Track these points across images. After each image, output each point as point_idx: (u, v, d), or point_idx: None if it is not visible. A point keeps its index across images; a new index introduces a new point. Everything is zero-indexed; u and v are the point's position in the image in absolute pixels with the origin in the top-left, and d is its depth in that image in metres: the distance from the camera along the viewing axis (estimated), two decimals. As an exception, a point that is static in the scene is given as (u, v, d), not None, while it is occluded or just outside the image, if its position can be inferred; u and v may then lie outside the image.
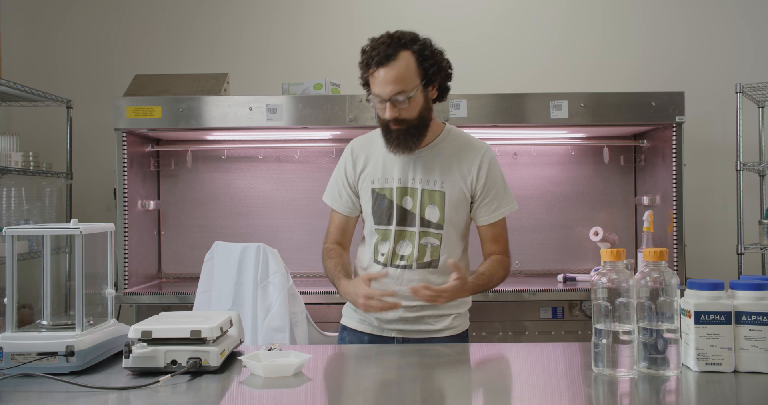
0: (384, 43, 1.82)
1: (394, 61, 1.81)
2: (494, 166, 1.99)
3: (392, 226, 1.95)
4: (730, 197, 3.34)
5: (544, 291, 2.98)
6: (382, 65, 1.81)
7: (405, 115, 1.85)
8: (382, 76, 1.81)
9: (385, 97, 1.83)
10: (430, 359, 1.72)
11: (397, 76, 1.81)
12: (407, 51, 1.83)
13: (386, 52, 1.80)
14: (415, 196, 1.94)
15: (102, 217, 3.54)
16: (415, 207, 1.94)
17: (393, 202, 1.95)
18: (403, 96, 1.82)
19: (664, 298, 1.46)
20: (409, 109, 1.85)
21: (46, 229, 1.64)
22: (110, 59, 3.74)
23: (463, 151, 1.97)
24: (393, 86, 1.81)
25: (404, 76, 1.82)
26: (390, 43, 1.82)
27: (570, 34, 3.72)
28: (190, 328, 1.52)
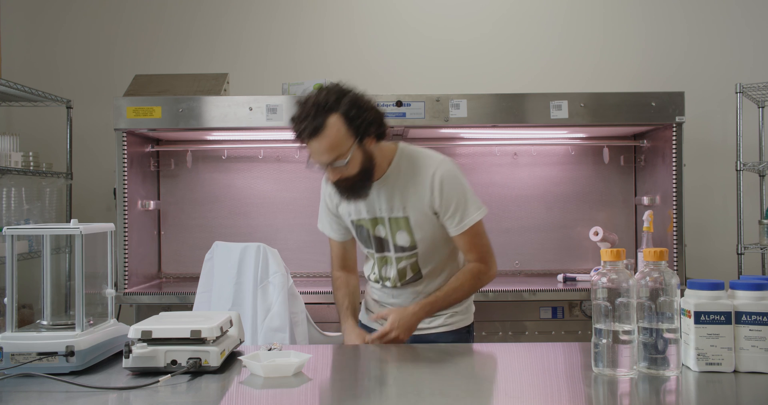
0: (310, 113, 1.80)
1: (324, 131, 1.79)
2: (448, 180, 1.93)
3: (374, 251, 2.06)
4: (730, 197, 3.34)
5: (544, 291, 2.98)
6: (313, 137, 1.80)
7: (347, 174, 1.86)
8: (316, 147, 1.82)
9: (323, 163, 1.85)
10: (430, 359, 1.72)
11: (330, 145, 1.80)
12: (335, 115, 1.80)
13: (314, 123, 1.79)
14: (385, 224, 2.00)
15: (102, 217, 3.54)
16: (387, 235, 2.01)
17: (370, 231, 2.03)
18: (340, 160, 1.83)
19: (664, 298, 1.46)
20: (349, 168, 1.85)
21: (46, 229, 1.64)
22: (110, 59, 3.74)
23: (416, 173, 1.95)
24: (328, 155, 1.82)
25: (337, 142, 1.81)
26: (317, 111, 1.80)
27: (570, 34, 3.72)
28: (190, 328, 1.52)
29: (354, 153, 1.84)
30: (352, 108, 1.82)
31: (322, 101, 1.81)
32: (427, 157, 1.98)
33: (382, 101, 3.02)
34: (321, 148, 1.81)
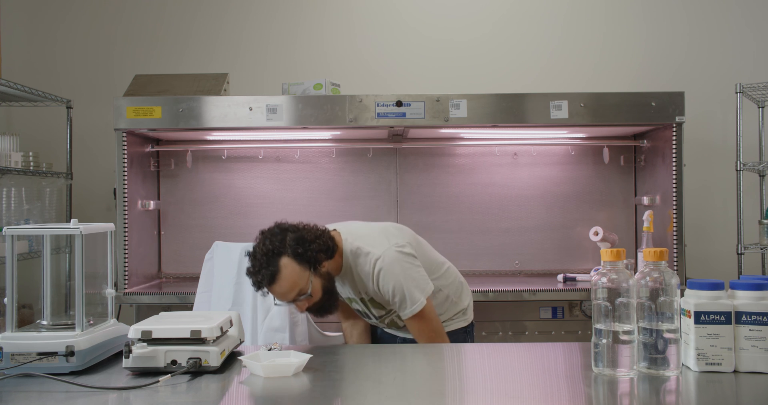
0: (263, 263, 1.88)
1: (279, 275, 1.88)
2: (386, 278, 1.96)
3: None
4: (730, 197, 3.34)
5: (544, 291, 2.98)
6: (272, 284, 1.89)
7: (313, 301, 1.95)
8: (278, 291, 1.91)
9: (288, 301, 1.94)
10: (430, 359, 1.72)
11: (289, 286, 1.89)
12: (285, 257, 1.89)
13: (269, 271, 1.87)
14: (359, 303, 2.12)
15: (102, 217, 3.54)
16: (364, 309, 2.13)
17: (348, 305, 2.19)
18: (303, 295, 1.92)
19: (664, 298, 1.46)
20: (314, 296, 1.94)
21: (46, 229, 1.64)
22: (110, 59, 3.74)
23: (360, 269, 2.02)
24: (290, 294, 1.91)
25: (294, 280, 1.89)
26: (268, 259, 1.88)
27: (570, 34, 3.72)
28: (190, 328, 1.52)
29: (314, 282, 1.93)
30: (298, 246, 1.91)
31: (269, 248, 1.90)
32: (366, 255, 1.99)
33: (382, 101, 3.02)
34: (282, 290, 1.90)
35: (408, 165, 3.51)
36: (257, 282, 1.91)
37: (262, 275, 1.89)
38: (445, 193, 3.52)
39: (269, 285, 1.90)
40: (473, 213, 3.52)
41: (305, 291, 1.91)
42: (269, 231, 1.98)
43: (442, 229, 3.49)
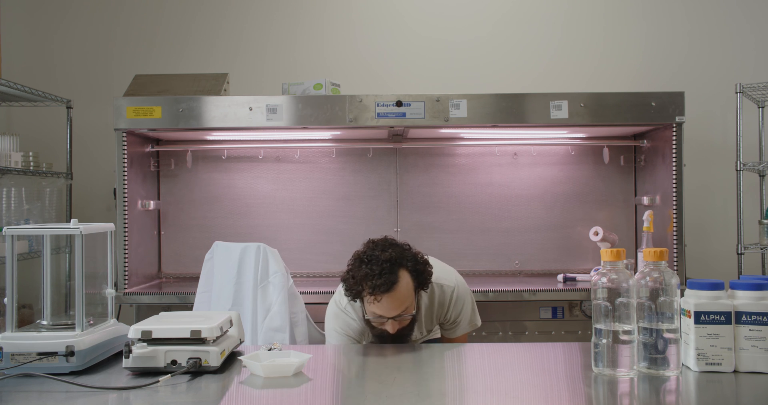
0: (384, 268, 1.84)
1: (397, 286, 1.85)
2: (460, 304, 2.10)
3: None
4: (730, 197, 3.34)
5: (544, 291, 2.98)
6: (387, 292, 1.84)
7: (401, 326, 1.92)
8: (388, 302, 1.85)
9: (390, 316, 1.88)
10: (429, 359, 1.72)
11: (401, 299, 1.86)
12: (404, 270, 1.89)
13: (389, 278, 1.84)
14: None
15: (102, 217, 3.54)
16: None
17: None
18: (407, 313, 1.89)
19: (664, 298, 1.46)
20: (406, 320, 1.91)
21: (46, 229, 1.64)
22: (110, 59, 3.74)
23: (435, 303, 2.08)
24: (399, 308, 1.87)
25: (407, 295, 1.88)
26: (390, 266, 1.85)
27: (570, 34, 3.72)
28: (190, 328, 1.52)
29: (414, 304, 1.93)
30: (417, 263, 1.92)
31: (391, 258, 1.87)
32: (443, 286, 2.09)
33: (382, 101, 3.02)
34: (393, 303, 1.85)
35: (408, 165, 3.51)
36: (374, 286, 1.84)
37: (384, 281, 1.83)
38: (445, 193, 3.52)
39: (385, 292, 1.84)
40: (473, 213, 3.52)
41: (411, 309, 1.90)
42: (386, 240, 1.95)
43: (442, 229, 3.49)
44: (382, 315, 1.87)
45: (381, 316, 1.88)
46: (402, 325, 1.91)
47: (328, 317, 2.12)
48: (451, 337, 2.17)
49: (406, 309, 1.88)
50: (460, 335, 2.16)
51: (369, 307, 1.89)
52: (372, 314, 1.89)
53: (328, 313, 2.12)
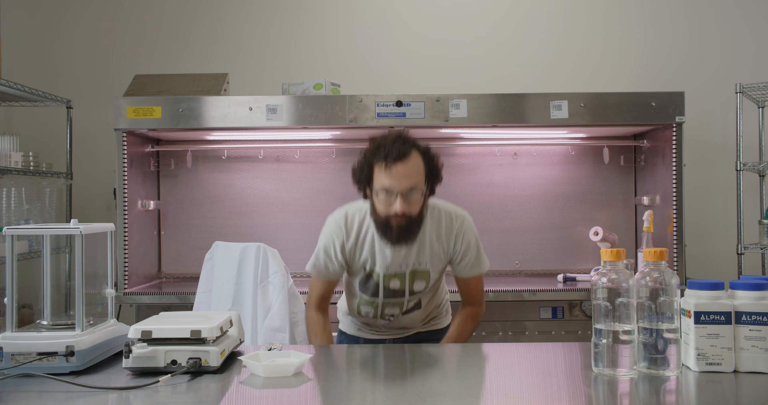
0: (397, 140, 1.89)
1: (409, 158, 1.88)
2: (468, 237, 2.07)
3: (379, 299, 2.08)
4: (730, 197, 3.34)
5: (544, 291, 2.98)
6: (400, 160, 1.86)
7: (410, 210, 1.91)
8: (399, 171, 1.87)
9: (399, 190, 1.88)
10: (429, 359, 1.72)
11: (412, 171, 1.88)
12: (416, 151, 1.92)
13: (402, 148, 1.88)
14: (403, 278, 2.05)
15: (102, 217, 3.54)
16: (403, 285, 2.06)
17: (380, 283, 2.05)
18: (415, 191, 1.89)
19: (664, 298, 1.46)
20: (414, 205, 1.91)
21: (46, 229, 1.64)
22: (110, 59, 3.74)
23: (441, 228, 2.05)
24: (409, 180, 1.87)
25: (418, 171, 1.90)
26: (403, 141, 1.90)
27: (570, 34, 3.72)
28: (190, 328, 1.52)
29: (423, 192, 1.93)
30: (428, 153, 1.96)
31: (405, 136, 1.92)
32: (450, 214, 2.07)
33: (382, 101, 3.02)
34: (404, 172, 1.87)
35: (408, 165, 3.51)
36: (385, 152, 1.87)
37: (396, 149, 1.86)
38: (445, 193, 3.46)
39: (397, 160, 1.86)
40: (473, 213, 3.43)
41: (419, 189, 1.89)
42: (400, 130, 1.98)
43: (442, 229, 3.49)
44: (391, 188, 1.87)
45: (390, 193, 1.88)
46: (410, 210, 1.90)
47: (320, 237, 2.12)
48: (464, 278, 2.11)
49: (416, 185, 1.88)
50: (472, 277, 2.10)
51: (378, 182, 1.90)
52: (381, 190, 1.89)
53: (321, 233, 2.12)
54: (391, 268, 2.03)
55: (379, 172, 1.89)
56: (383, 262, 2.02)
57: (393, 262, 2.02)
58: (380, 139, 1.92)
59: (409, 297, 2.08)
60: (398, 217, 1.90)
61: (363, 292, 2.09)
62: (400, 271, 2.03)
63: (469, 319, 2.15)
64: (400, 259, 2.02)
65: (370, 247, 2.03)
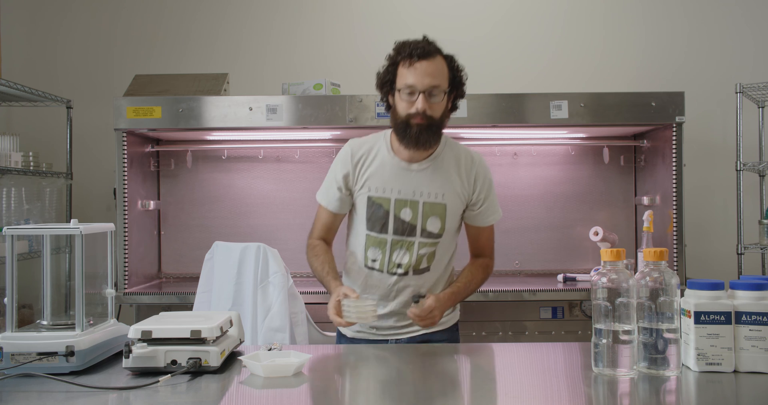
0: (422, 42, 1.92)
1: (433, 58, 1.89)
2: (489, 176, 2.04)
3: (388, 235, 1.97)
4: (730, 197, 3.34)
5: (544, 291, 2.98)
6: (424, 58, 1.88)
7: (431, 112, 1.89)
8: (423, 68, 1.87)
9: (421, 88, 1.87)
10: (429, 359, 1.72)
11: (435, 71, 1.88)
12: (441, 56, 1.93)
13: (427, 48, 1.89)
14: (416, 208, 1.96)
15: (102, 217, 3.54)
16: (416, 218, 1.96)
17: (390, 212, 1.96)
18: (438, 91, 1.88)
19: (664, 298, 1.46)
20: (436, 107, 1.89)
21: (46, 229, 1.64)
22: (110, 59, 3.74)
23: (460, 162, 2.01)
24: (432, 79, 1.87)
25: (441, 73, 1.90)
26: (428, 43, 1.92)
27: (570, 34, 3.72)
28: (190, 328, 1.52)
29: (444, 96, 1.91)
30: (454, 61, 1.97)
31: (430, 40, 1.94)
32: (469, 149, 2.05)
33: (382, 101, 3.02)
34: (429, 70, 1.87)
35: (408, 165, 3.51)
36: (411, 49, 1.88)
37: (421, 47, 1.88)
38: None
39: (420, 58, 1.87)
40: None
41: (442, 89, 1.89)
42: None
43: (442, 229, 3.49)
44: (414, 85, 1.86)
45: (413, 91, 1.87)
46: (432, 111, 1.88)
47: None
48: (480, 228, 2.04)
49: (439, 84, 1.88)
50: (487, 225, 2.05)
51: (401, 79, 1.90)
52: (404, 87, 1.88)
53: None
54: (404, 192, 1.95)
55: (403, 69, 1.90)
56: (394, 184, 1.96)
57: (406, 186, 1.95)
58: (405, 40, 1.94)
59: (421, 238, 1.95)
60: (419, 117, 1.88)
61: (371, 227, 1.98)
62: (413, 199, 1.95)
63: (480, 269, 2.07)
64: (414, 184, 1.95)
65: (379, 166, 1.98)
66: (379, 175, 1.98)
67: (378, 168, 1.99)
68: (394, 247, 1.98)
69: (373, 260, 2.00)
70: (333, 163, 2.08)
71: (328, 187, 2.07)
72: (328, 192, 2.07)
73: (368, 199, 1.99)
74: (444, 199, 1.97)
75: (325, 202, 2.08)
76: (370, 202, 1.98)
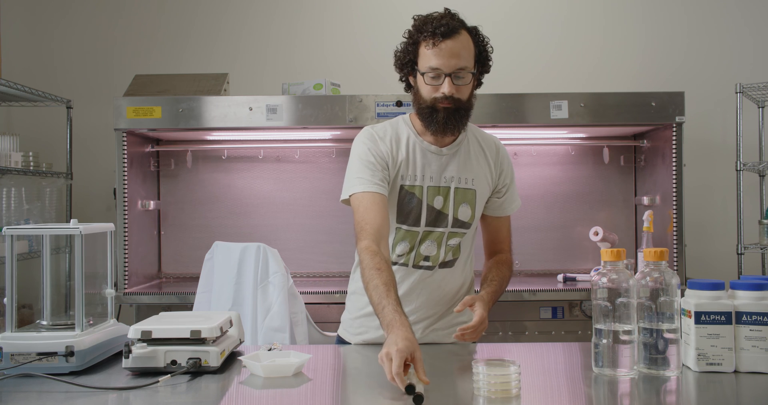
0: (444, 17, 1.74)
1: (458, 36, 1.73)
2: (511, 162, 1.97)
3: (420, 228, 1.82)
4: (730, 197, 3.34)
5: (544, 291, 2.98)
6: (448, 37, 1.71)
7: (459, 95, 1.75)
8: (448, 48, 1.71)
9: (447, 70, 1.72)
10: (429, 360, 1.72)
11: (462, 50, 1.73)
12: (466, 31, 1.77)
13: (451, 25, 1.72)
14: (448, 195, 1.82)
15: (102, 217, 3.54)
16: (447, 207, 1.82)
17: (423, 201, 1.81)
18: (465, 72, 1.74)
19: (665, 298, 1.46)
20: (463, 90, 1.76)
21: (46, 229, 1.64)
22: (110, 59, 3.74)
23: (484, 147, 1.90)
24: (458, 60, 1.72)
25: (468, 51, 1.75)
26: (451, 18, 1.74)
27: (570, 34, 3.72)
28: (190, 328, 1.52)
29: (471, 77, 1.77)
30: (479, 34, 1.81)
31: (453, 13, 1.77)
32: (487, 134, 1.96)
33: (382, 101, 3.02)
34: (454, 50, 1.71)
35: (408, 165, 3.51)
36: (435, 27, 1.70)
37: (445, 24, 1.70)
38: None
39: (444, 37, 1.70)
40: None
41: (469, 70, 1.74)
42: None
43: (442, 229, 3.49)
44: (439, 67, 1.71)
45: (438, 75, 1.72)
46: (460, 93, 1.74)
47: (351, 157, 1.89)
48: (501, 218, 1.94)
49: (466, 65, 1.73)
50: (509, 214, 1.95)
51: (424, 61, 1.73)
52: (429, 70, 1.72)
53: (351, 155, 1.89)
54: (435, 179, 1.81)
55: (426, 49, 1.73)
56: (426, 170, 1.81)
57: (437, 172, 1.82)
58: (426, 16, 1.75)
59: (451, 228, 1.82)
60: (446, 101, 1.74)
61: (402, 220, 1.82)
62: (444, 185, 1.82)
63: (506, 267, 1.93)
64: (445, 169, 1.82)
65: (409, 152, 1.82)
66: (408, 160, 1.82)
67: (407, 154, 1.83)
68: (423, 239, 1.83)
69: (399, 255, 1.84)
70: (355, 149, 1.87)
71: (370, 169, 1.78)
72: (373, 173, 1.78)
73: (401, 188, 1.82)
74: (474, 185, 1.85)
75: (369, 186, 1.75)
76: (402, 192, 1.82)
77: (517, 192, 1.99)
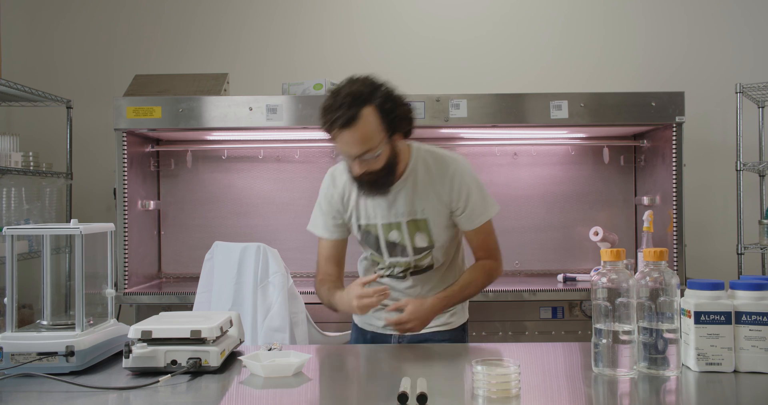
0: (345, 102, 1.73)
1: (356, 122, 1.73)
2: (466, 180, 1.94)
3: (385, 258, 2.01)
4: (730, 197, 3.34)
5: (544, 291, 2.98)
6: (346, 127, 1.73)
7: (373, 168, 1.81)
8: (347, 138, 1.75)
9: (352, 156, 1.79)
10: (429, 359, 1.72)
11: (362, 137, 1.74)
12: (369, 107, 1.75)
13: (348, 113, 1.72)
14: (401, 228, 1.94)
15: (102, 217, 3.54)
16: (403, 239, 1.96)
17: (380, 237, 1.97)
18: (370, 154, 1.77)
19: (664, 298, 1.46)
20: (376, 162, 1.80)
21: (46, 229, 1.64)
22: (110, 59, 3.74)
23: (434, 173, 1.94)
24: (359, 147, 1.76)
25: (369, 134, 1.75)
26: (351, 101, 1.73)
27: (570, 34, 3.72)
28: (190, 328, 1.52)
29: (383, 148, 1.79)
30: (387, 101, 1.78)
31: (357, 92, 1.74)
32: (443, 156, 1.97)
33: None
34: (353, 139, 1.74)
35: (408, 165, 3.51)
36: (330, 121, 1.73)
37: (339, 116, 1.71)
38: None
39: (342, 128, 1.72)
40: None
41: (374, 151, 1.76)
42: (362, 78, 1.80)
43: (442, 229, 3.49)
44: (345, 154, 1.80)
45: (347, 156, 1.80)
46: (370, 168, 1.80)
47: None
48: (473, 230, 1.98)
49: (368, 149, 1.75)
50: (479, 226, 1.98)
51: (335, 143, 1.81)
52: (339, 151, 1.81)
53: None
54: (386, 216, 1.94)
55: (332, 137, 1.79)
56: (377, 210, 1.94)
57: (386, 208, 1.93)
58: (328, 102, 1.76)
59: (414, 256, 1.97)
60: (363, 175, 1.82)
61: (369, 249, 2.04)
62: (395, 220, 1.93)
63: (480, 271, 2.00)
64: (392, 205, 1.93)
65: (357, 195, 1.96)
66: (362, 202, 1.97)
67: (359, 197, 1.96)
68: (391, 265, 2.02)
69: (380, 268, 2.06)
70: (320, 194, 2.06)
71: (320, 216, 2.06)
72: (318, 221, 2.07)
73: (359, 227, 2.00)
74: (425, 214, 1.93)
75: (324, 232, 2.06)
76: (361, 229, 2.00)
77: (482, 204, 1.98)
